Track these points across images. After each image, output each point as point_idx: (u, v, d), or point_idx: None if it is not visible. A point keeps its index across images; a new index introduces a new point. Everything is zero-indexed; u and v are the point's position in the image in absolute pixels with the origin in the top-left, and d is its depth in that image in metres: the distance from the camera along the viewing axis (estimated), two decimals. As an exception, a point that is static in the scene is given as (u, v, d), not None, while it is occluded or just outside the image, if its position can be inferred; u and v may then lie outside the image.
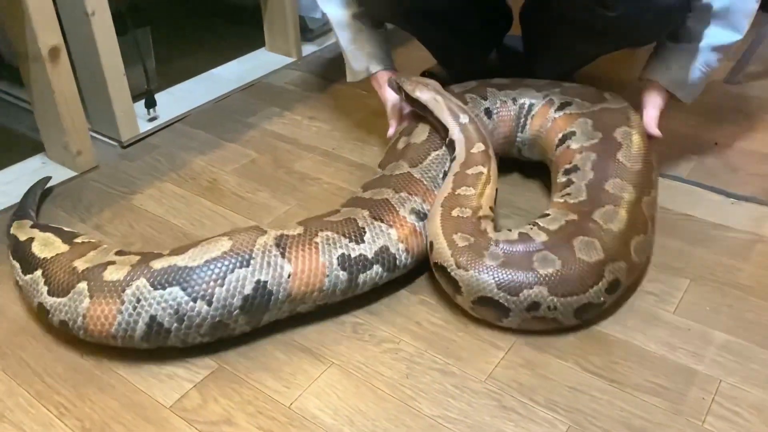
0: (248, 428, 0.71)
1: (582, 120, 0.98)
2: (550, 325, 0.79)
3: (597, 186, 0.88)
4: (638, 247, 0.83)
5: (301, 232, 0.81)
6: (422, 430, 0.70)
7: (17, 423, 0.72)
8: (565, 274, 0.77)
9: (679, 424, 0.70)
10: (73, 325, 0.77)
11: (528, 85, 1.07)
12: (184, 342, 0.77)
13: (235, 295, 0.75)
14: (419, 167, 0.93)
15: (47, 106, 1.10)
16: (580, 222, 0.83)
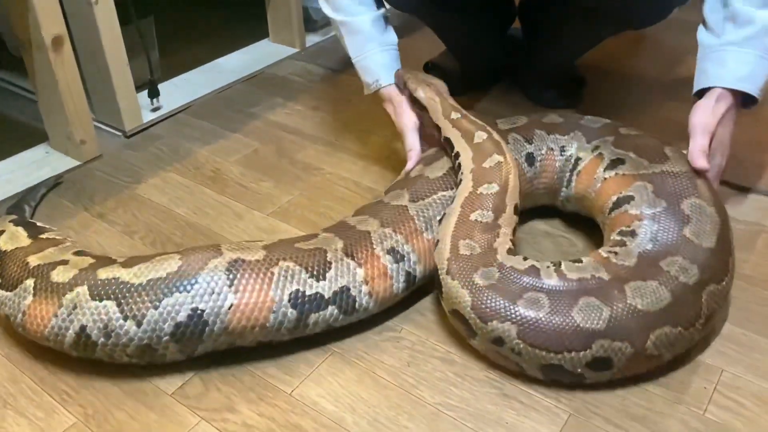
0: (250, 415, 0.71)
1: (640, 184, 0.83)
2: (512, 366, 0.74)
3: (651, 259, 0.75)
4: (663, 340, 0.70)
5: (261, 258, 0.75)
6: (424, 417, 0.70)
7: (21, 410, 0.73)
8: (545, 323, 0.70)
9: (680, 413, 0.70)
10: (14, 320, 0.76)
11: (581, 130, 0.94)
12: (110, 357, 0.74)
13: (167, 320, 0.71)
14: (419, 203, 0.85)
15: (51, 96, 1.10)
16: (607, 284, 0.72)
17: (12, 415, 0.72)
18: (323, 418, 0.71)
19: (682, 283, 0.72)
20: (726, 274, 0.76)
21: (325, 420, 0.70)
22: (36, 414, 0.72)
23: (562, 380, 0.72)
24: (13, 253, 0.81)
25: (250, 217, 1.02)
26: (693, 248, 0.75)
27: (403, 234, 0.81)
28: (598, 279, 0.73)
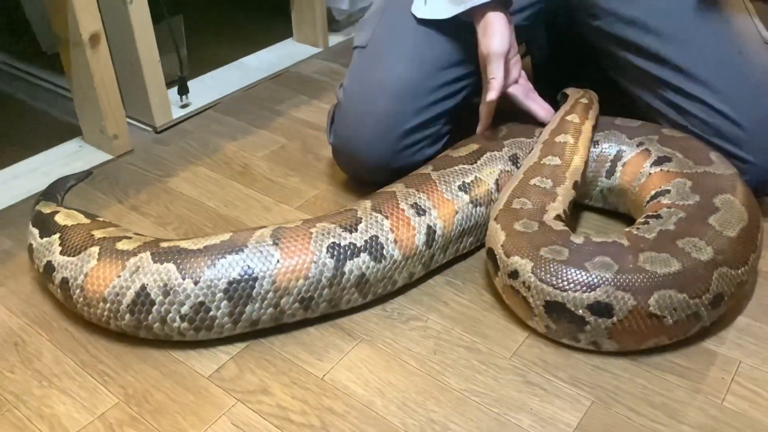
0: (283, 398, 0.74)
1: (680, 180, 0.88)
2: (522, 306, 0.79)
3: (669, 237, 0.79)
4: (666, 302, 0.74)
5: (299, 224, 0.82)
6: (450, 402, 0.73)
7: (64, 389, 0.76)
8: (557, 265, 0.76)
9: (699, 402, 0.73)
10: (73, 282, 0.80)
11: (618, 129, 0.98)
12: (163, 321, 0.78)
13: (222, 277, 0.77)
14: (440, 171, 0.92)
15: (86, 91, 1.14)
16: (624, 249, 0.77)
17: (57, 393, 0.76)
18: (353, 401, 0.74)
19: (694, 258, 0.76)
20: (744, 265, 0.79)
21: (356, 403, 0.73)
22: (79, 393, 0.76)
23: (567, 324, 0.76)
24: (75, 228, 0.86)
25: (278, 210, 1.05)
26: (713, 233, 0.79)
27: (425, 192, 0.88)
28: (618, 244, 0.78)
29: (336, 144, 1.02)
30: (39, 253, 0.86)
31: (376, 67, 0.99)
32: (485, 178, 0.92)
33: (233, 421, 0.72)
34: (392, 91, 0.96)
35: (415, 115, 0.96)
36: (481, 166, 0.93)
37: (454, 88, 0.99)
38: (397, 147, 0.96)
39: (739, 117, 0.91)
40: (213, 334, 0.79)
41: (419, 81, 0.96)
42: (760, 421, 0.70)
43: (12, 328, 0.84)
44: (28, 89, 1.43)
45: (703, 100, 0.93)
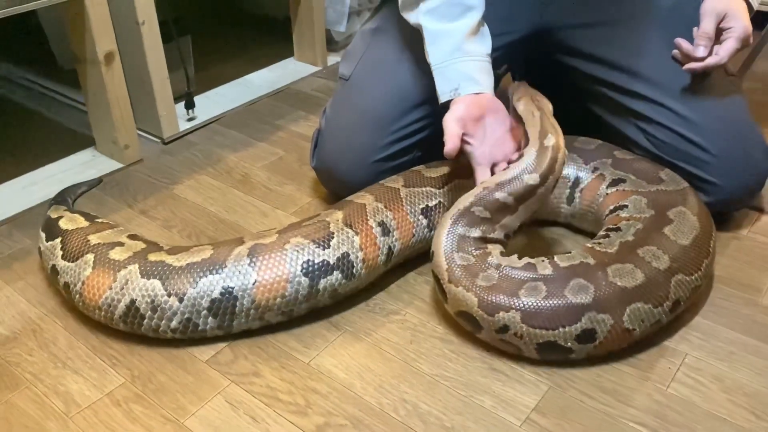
0: (273, 380, 0.83)
1: (636, 197, 0.96)
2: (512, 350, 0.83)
3: (630, 247, 0.86)
4: (636, 315, 0.81)
5: (274, 240, 0.87)
6: (422, 385, 0.81)
7: (77, 370, 0.85)
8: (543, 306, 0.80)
9: (646, 389, 0.81)
10: (73, 287, 0.88)
11: (576, 152, 1.04)
12: (156, 332, 0.86)
13: (204, 296, 0.84)
14: (410, 189, 0.98)
15: (100, 105, 1.24)
16: (592, 267, 0.83)
17: (70, 374, 0.84)
18: (335, 383, 0.82)
19: (654, 267, 0.83)
20: (697, 271, 0.86)
21: (337, 385, 0.82)
22: (90, 374, 0.84)
23: (553, 356, 0.82)
24: (74, 232, 0.94)
25: (275, 215, 1.14)
26: (668, 243, 0.87)
27: (392, 210, 0.95)
28: (585, 264, 0.84)
29: (318, 167, 1.11)
30: (46, 256, 0.95)
31: (356, 101, 1.07)
32: (448, 204, 0.97)
33: (227, 399, 0.80)
34: (371, 126, 1.05)
35: (390, 147, 1.05)
36: (446, 192, 1.00)
37: (428, 122, 1.06)
38: (373, 174, 1.05)
39: (707, 143, 0.99)
40: (208, 337, 0.87)
41: (396, 116, 1.04)
42: (699, 405, 0.78)
43: (31, 317, 0.93)
44: (46, 102, 1.53)
45: (674, 129, 1.01)
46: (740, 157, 0.99)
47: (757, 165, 1.01)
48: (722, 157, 0.99)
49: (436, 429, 0.76)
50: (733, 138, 1.00)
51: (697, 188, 1.00)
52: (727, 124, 1.00)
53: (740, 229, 1.07)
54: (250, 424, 0.77)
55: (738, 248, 1.03)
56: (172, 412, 0.79)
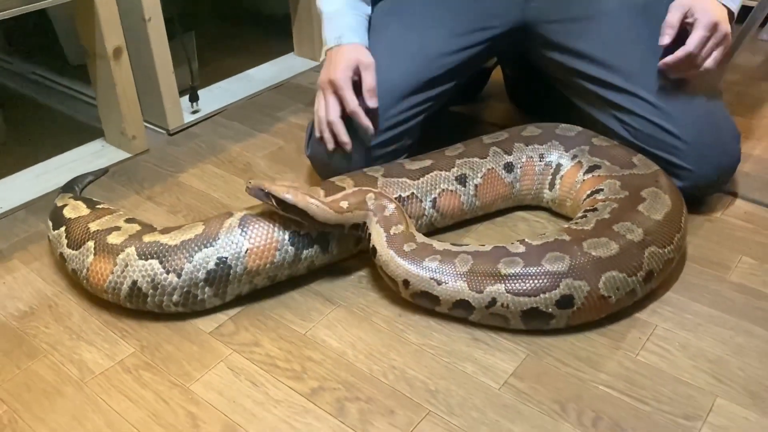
0: (271, 349, 0.89)
1: (611, 181, 1.02)
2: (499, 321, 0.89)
3: (606, 224, 0.92)
4: (611, 282, 0.87)
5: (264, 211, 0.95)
6: (409, 353, 0.88)
7: (90, 341, 0.92)
8: (525, 273, 0.86)
9: (617, 356, 0.87)
10: (80, 274, 0.95)
11: (558, 140, 1.11)
12: (160, 308, 0.92)
13: (200, 269, 0.91)
14: (387, 179, 1.04)
15: (109, 97, 1.31)
16: (568, 243, 0.89)
17: (84, 345, 0.91)
18: (329, 351, 0.89)
19: (628, 239, 0.90)
20: (669, 244, 0.93)
21: (331, 353, 0.88)
22: (103, 345, 0.91)
23: (537, 324, 0.88)
24: (76, 221, 1.00)
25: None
26: (642, 218, 0.93)
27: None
28: (560, 240, 0.90)
29: (312, 156, 1.17)
30: (54, 244, 1.02)
31: None
32: (421, 195, 1.05)
33: (229, 366, 0.87)
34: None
35: (380, 135, 1.11)
36: (421, 184, 1.05)
37: (417, 111, 1.13)
38: (365, 161, 1.11)
39: (680, 132, 1.05)
40: (207, 307, 0.94)
41: (386, 107, 1.10)
42: (664, 371, 0.85)
43: (47, 294, 1.00)
44: (57, 97, 1.60)
45: (649, 119, 1.07)
46: (712, 144, 1.05)
47: (728, 151, 1.07)
48: (695, 144, 1.05)
49: (421, 392, 0.83)
50: (704, 126, 1.06)
51: (672, 174, 1.06)
52: (699, 113, 1.06)
53: (714, 212, 1.13)
54: (250, 388, 0.84)
55: (711, 230, 1.09)
56: (178, 377, 0.86)
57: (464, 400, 0.81)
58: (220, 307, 0.96)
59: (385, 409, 0.81)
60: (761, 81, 1.57)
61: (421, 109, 1.14)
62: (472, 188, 1.08)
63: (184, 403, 0.82)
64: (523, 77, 1.43)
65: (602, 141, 1.10)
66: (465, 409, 0.80)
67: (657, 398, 0.81)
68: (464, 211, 1.08)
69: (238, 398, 0.83)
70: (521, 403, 0.81)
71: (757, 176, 1.22)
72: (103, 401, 0.83)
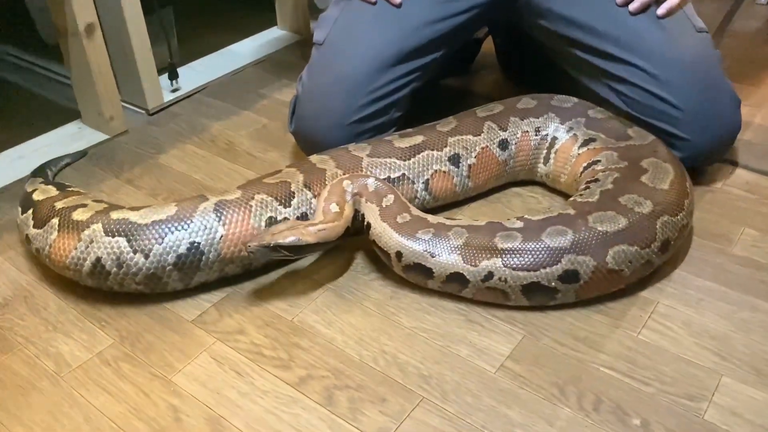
0: (257, 336, 0.86)
1: (607, 152, 0.99)
2: (499, 297, 0.86)
3: (611, 195, 0.89)
4: (621, 256, 0.84)
5: (239, 196, 0.91)
6: (401, 337, 0.84)
7: (67, 332, 0.88)
8: (523, 248, 0.84)
9: (617, 335, 0.84)
10: (42, 252, 0.91)
11: (554, 112, 1.06)
12: (121, 286, 0.88)
13: (170, 252, 0.87)
14: (373, 159, 1.00)
15: (83, 77, 1.25)
16: (572, 217, 0.86)
17: (61, 336, 0.87)
18: (318, 338, 0.85)
19: (637, 212, 0.86)
20: (681, 211, 0.89)
21: (320, 339, 0.85)
22: (80, 336, 0.87)
23: (541, 300, 0.85)
24: (43, 202, 0.97)
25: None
26: (648, 189, 0.90)
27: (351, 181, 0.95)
28: (564, 214, 0.87)
29: (296, 132, 1.13)
30: (21, 228, 0.98)
31: (332, 65, 1.09)
32: (413, 177, 1.00)
33: (213, 356, 0.83)
34: (345, 88, 1.06)
35: (366, 107, 1.06)
36: (413, 165, 1.01)
37: (404, 81, 1.08)
38: (350, 136, 1.07)
39: (677, 100, 1.01)
40: (168, 290, 0.90)
41: (371, 78, 1.06)
42: (666, 349, 0.81)
43: (21, 284, 0.96)
44: (31, 77, 1.54)
45: (644, 88, 1.03)
46: (710, 112, 1.01)
47: (727, 119, 1.03)
48: (692, 113, 1.01)
49: (414, 378, 0.79)
50: (702, 93, 1.01)
51: (670, 145, 1.01)
52: (696, 79, 1.02)
53: (714, 182, 1.09)
54: (235, 378, 0.80)
55: (712, 201, 1.05)
56: (159, 369, 0.82)
57: (459, 386, 0.78)
58: (203, 293, 0.92)
59: (376, 396, 0.77)
60: (760, 46, 1.52)
61: (409, 80, 1.09)
62: (466, 169, 1.03)
63: (166, 396, 0.79)
64: (514, 47, 1.38)
65: (598, 113, 1.06)
66: (459, 395, 0.77)
67: (660, 379, 0.78)
68: (457, 194, 1.04)
69: (223, 389, 0.79)
70: (518, 387, 0.78)
71: (758, 144, 1.18)
72: (80, 396, 0.79)
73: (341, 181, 0.94)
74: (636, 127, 1.03)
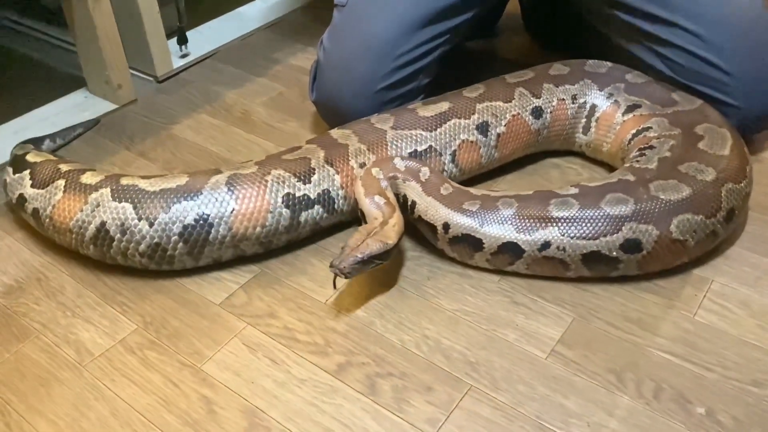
0: (290, 320, 0.81)
1: (657, 119, 0.93)
2: (558, 269, 0.82)
3: (670, 163, 0.84)
4: (686, 225, 0.79)
5: (254, 171, 0.86)
6: (442, 321, 0.79)
7: (87, 318, 0.83)
8: (581, 216, 0.79)
9: (672, 317, 0.79)
10: (42, 212, 0.87)
11: (590, 78, 1.00)
12: (124, 256, 0.84)
13: (176, 222, 0.82)
14: (397, 132, 0.93)
15: (89, 43, 1.18)
16: (632, 183, 0.82)
17: (81, 322, 0.82)
18: (354, 322, 0.80)
19: (700, 180, 0.82)
20: (744, 178, 0.85)
21: (357, 323, 0.80)
22: (101, 322, 0.82)
23: (602, 271, 0.81)
24: (43, 163, 0.92)
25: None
26: (707, 156, 0.85)
27: (375, 154, 0.91)
28: (625, 181, 0.82)
29: (318, 101, 1.06)
30: (12, 187, 0.93)
31: (355, 28, 1.02)
32: (440, 148, 0.94)
33: (244, 342, 0.78)
34: (371, 53, 0.99)
35: (393, 74, 1.00)
36: (439, 135, 0.94)
37: (433, 45, 1.02)
38: (376, 104, 1.00)
39: (726, 64, 0.94)
40: (176, 267, 0.86)
41: (397, 41, 0.99)
42: (726, 332, 0.77)
43: (34, 266, 0.90)
44: (33, 44, 1.46)
45: (691, 51, 0.96)
46: (762, 77, 0.95)
47: None
48: (742, 78, 0.95)
49: (460, 364, 0.74)
50: (753, 57, 0.95)
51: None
52: (747, 42, 0.95)
53: (763, 152, 1.03)
54: (269, 366, 0.75)
55: (761, 172, 1.00)
56: (188, 357, 0.77)
57: (509, 373, 0.73)
58: (229, 274, 0.87)
59: (421, 385, 0.73)
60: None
61: (438, 43, 1.03)
62: (494, 138, 0.97)
63: (197, 386, 0.74)
64: (541, 6, 1.31)
65: (637, 77, 1.00)
66: (511, 383, 0.72)
67: (722, 363, 0.73)
68: (482, 165, 0.98)
69: (257, 378, 0.74)
70: (572, 374, 0.73)
71: (804, 110, 1.12)
72: (105, 387, 0.74)
73: (368, 172, 0.88)
74: (680, 91, 0.97)
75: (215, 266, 0.88)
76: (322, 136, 0.95)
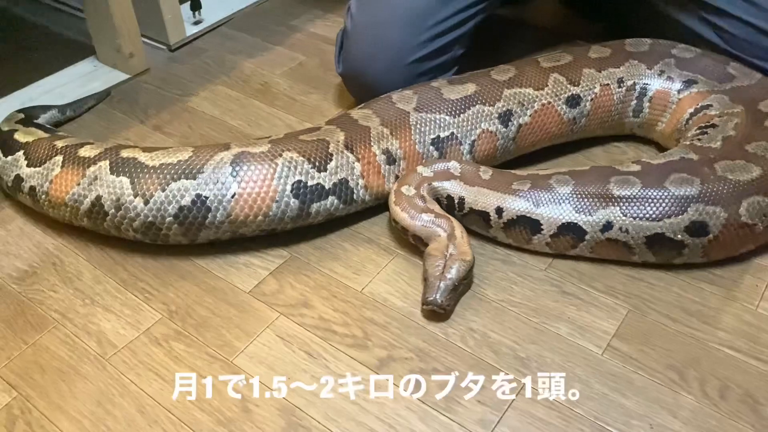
0: (325, 310, 0.76)
1: (717, 96, 0.87)
2: (622, 252, 0.77)
3: (736, 143, 0.79)
4: (756, 208, 0.74)
5: (265, 150, 0.79)
6: (488, 312, 0.75)
7: (108, 306, 0.77)
8: (644, 195, 0.74)
9: (733, 309, 0.74)
10: (39, 189, 0.83)
11: (635, 58, 0.93)
12: (118, 231, 0.80)
13: (172, 202, 0.77)
14: (421, 114, 0.86)
15: (100, 9, 1.11)
16: (696, 163, 0.77)
17: (101, 311, 0.77)
18: (394, 312, 0.75)
19: None
20: None
21: (396, 314, 0.75)
22: (123, 311, 0.77)
23: (666, 256, 0.76)
24: (37, 142, 0.87)
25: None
26: None
27: (398, 139, 0.85)
28: (687, 159, 0.77)
29: (345, 73, 1.00)
30: (5, 171, 0.88)
31: None
32: (461, 136, 0.87)
33: (278, 333, 0.73)
34: (403, 21, 0.93)
35: (427, 44, 0.94)
36: (462, 122, 0.87)
37: (466, 15, 0.96)
38: (409, 77, 0.94)
39: None
40: (171, 243, 0.81)
41: (433, 9, 0.93)
42: (793, 326, 0.72)
43: (49, 249, 0.85)
44: (34, 8, 1.38)
45: (748, 21, 0.90)
46: None
47: None
48: None
49: (509, 360, 0.70)
50: None
51: None
52: None
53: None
54: (306, 360, 0.70)
55: (816, 150, 0.94)
56: (218, 349, 0.72)
57: (563, 370, 0.69)
58: (258, 260, 0.81)
59: (469, 382, 0.68)
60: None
61: (475, 11, 0.96)
62: (514, 129, 0.89)
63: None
64: None
65: (683, 51, 0.93)
66: (565, 381, 0.68)
67: (790, 361, 0.69)
68: (495, 158, 0.90)
69: (294, 373, 0.69)
70: (631, 371, 0.68)
71: None
72: (130, 381, 0.69)
73: (399, 194, 0.81)
74: (734, 63, 0.91)
75: (241, 250, 0.82)
76: (342, 117, 0.88)
